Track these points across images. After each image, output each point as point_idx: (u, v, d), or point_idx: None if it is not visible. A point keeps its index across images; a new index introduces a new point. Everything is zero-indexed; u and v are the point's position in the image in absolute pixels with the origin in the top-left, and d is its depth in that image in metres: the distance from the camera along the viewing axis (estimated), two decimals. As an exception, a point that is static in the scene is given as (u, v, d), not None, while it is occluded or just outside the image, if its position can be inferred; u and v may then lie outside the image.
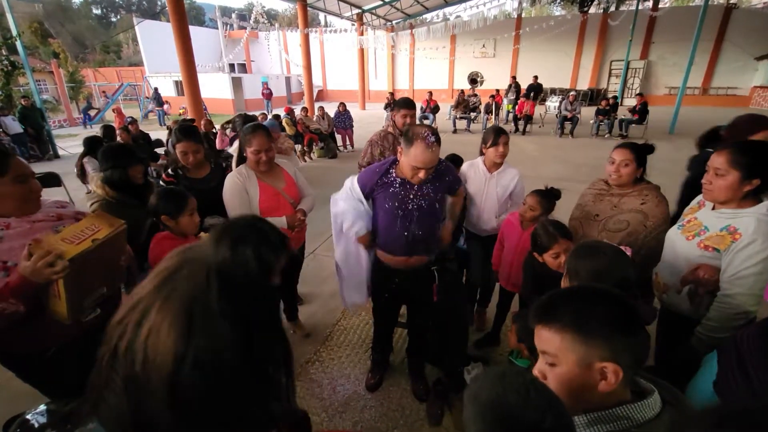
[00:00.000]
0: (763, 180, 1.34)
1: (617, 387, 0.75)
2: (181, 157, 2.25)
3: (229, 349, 0.52)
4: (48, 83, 21.58)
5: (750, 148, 1.36)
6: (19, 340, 1.35)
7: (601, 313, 0.78)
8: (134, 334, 0.53)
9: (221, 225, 0.97)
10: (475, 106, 12.63)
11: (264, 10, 16.05)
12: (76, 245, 1.23)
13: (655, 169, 1.96)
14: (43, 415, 1.33)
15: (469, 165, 2.59)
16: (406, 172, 1.80)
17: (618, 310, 0.78)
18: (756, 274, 1.31)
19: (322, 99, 24.62)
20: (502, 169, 2.49)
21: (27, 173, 1.34)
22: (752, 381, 1.01)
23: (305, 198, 2.41)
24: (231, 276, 0.56)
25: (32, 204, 1.38)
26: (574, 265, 1.25)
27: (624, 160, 1.81)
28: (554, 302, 0.83)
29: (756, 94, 17.48)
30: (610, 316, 0.77)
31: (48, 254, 1.14)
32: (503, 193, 2.48)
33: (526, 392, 0.66)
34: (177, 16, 8.15)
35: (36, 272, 1.13)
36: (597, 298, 0.81)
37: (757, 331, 1.09)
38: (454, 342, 2.28)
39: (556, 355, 0.79)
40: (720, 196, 1.43)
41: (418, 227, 1.89)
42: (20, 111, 9.56)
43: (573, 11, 21.99)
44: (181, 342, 0.50)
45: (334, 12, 17.62)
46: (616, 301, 0.80)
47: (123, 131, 6.32)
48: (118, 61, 38.23)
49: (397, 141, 2.73)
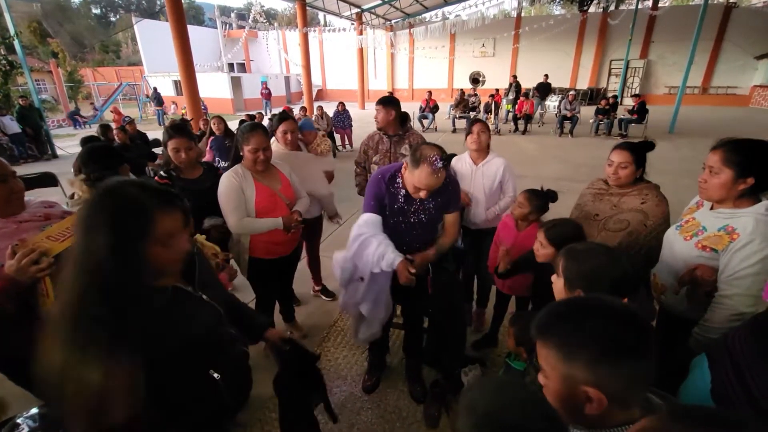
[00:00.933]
0: (757, 179, 1.32)
1: (615, 410, 0.71)
2: (173, 155, 2.21)
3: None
4: (47, 83, 21.58)
5: (744, 146, 1.35)
6: (6, 344, 1.33)
7: (587, 334, 0.72)
8: None
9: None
10: (474, 106, 12.62)
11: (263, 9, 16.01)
12: (60, 242, 1.21)
13: (655, 169, 1.94)
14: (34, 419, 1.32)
15: (457, 159, 2.59)
16: (409, 187, 1.80)
17: (612, 333, 0.71)
18: (754, 274, 1.29)
19: (322, 98, 24.61)
20: (488, 159, 2.50)
21: (7, 173, 1.32)
22: (751, 389, 0.99)
23: (301, 199, 2.40)
24: None
25: (14, 204, 1.36)
26: (567, 269, 1.21)
27: (623, 162, 1.80)
28: (550, 316, 0.79)
29: (756, 93, 17.50)
30: (598, 339, 0.71)
31: (32, 252, 1.13)
32: (491, 185, 2.48)
33: (523, 405, 0.65)
34: (176, 15, 8.14)
35: (21, 270, 1.12)
36: (589, 316, 0.74)
37: (748, 333, 1.07)
38: (452, 343, 2.26)
39: (546, 370, 0.77)
40: (714, 195, 1.42)
41: (415, 240, 1.92)
42: (18, 111, 9.54)
43: (572, 10, 21.99)
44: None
45: (333, 11, 17.60)
46: (617, 321, 0.72)
47: (120, 131, 6.29)
48: (117, 61, 38.20)
49: (381, 140, 2.75)
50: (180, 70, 8.63)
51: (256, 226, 2.15)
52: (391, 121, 2.68)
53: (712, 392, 1.08)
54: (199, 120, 7.79)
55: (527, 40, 18.62)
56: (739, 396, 1.01)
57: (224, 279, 1.60)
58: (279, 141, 2.70)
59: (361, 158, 2.91)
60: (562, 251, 1.28)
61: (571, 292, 1.18)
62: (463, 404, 0.69)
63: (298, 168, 2.51)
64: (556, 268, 1.25)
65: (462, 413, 0.68)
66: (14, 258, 1.12)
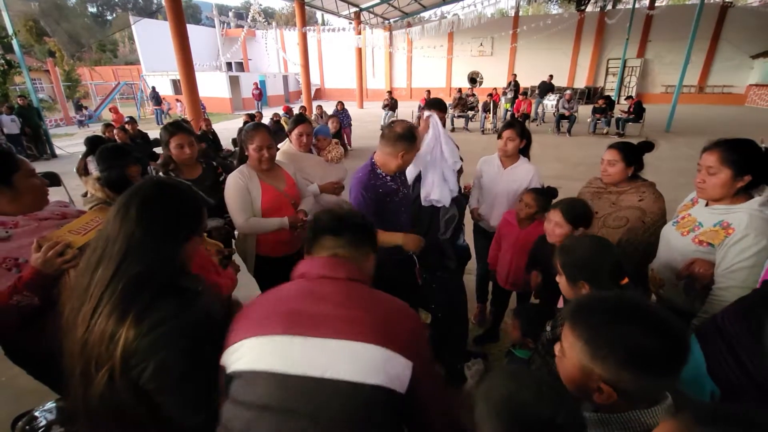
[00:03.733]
0: (754, 176, 1.38)
1: (621, 403, 0.73)
2: (177, 152, 2.21)
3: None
4: (44, 82, 21.45)
5: (739, 145, 1.41)
6: (25, 338, 1.36)
7: (617, 339, 0.71)
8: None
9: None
10: (472, 106, 12.66)
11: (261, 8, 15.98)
12: (83, 236, 1.26)
13: (652, 167, 1.99)
14: (51, 412, 1.35)
15: (485, 160, 2.60)
16: (391, 167, 1.95)
17: (643, 345, 0.69)
18: (749, 267, 1.35)
19: (320, 97, 24.58)
20: (517, 164, 2.45)
21: (34, 171, 1.39)
22: (746, 364, 1.05)
23: (305, 198, 2.43)
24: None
25: (45, 198, 1.43)
26: (564, 265, 1.27)
27: (611, 159, 1.90)
28: (585, 308, 0.79)
29: (751, 92, 17.61)
30: (627, 348, 0.69)
31: (57, 245, 1.17)
32: (516, 189, 2.41)
33: (538, 389, 0.68)
34: (174, 14, 8.10)
35: (47, 263, 1.16)
36: (624, 320, 0.73)
37: (738, 314, 1.12)
38: (454, 338, 2.31)
39: (565, 350, 0.79)
40: (714, 194, 1.47)
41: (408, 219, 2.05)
42: (17, 110, 9.49)
43: (570, 9, 22.04)
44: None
45: (331, 10, 17.59)
46: (652, 332, 0.70)
47: (120, 131, 6.30)
48: (114, 60, 38.00)
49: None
50: (179, 70, 8.60)
51: (263, 226, 2.18)
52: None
53: (708, 371, 1.13)
54: (199, 120, 7.78)
55: (525, 39, 18.68)
56: (735, 372, 1.07)
57: (230, 274, 1.63)
58: (293, 143, 2.70)
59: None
60: (557, 249, 1.33)
61: (575, 286, 1.22)
62: (479, 394, 0.72)
63: (310, 169, 2.52)
64: (556, 267, 1.30)
65: (479, 402, 0.71)
66: (40, 251, 1.15)
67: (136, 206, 0.90)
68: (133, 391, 0.87)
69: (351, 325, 0.83)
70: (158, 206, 0.93)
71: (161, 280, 0.89)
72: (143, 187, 0.95)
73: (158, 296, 0.87)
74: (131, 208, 0.90)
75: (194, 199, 1.01)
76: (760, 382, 1.02)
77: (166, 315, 0.85)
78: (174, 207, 0.95)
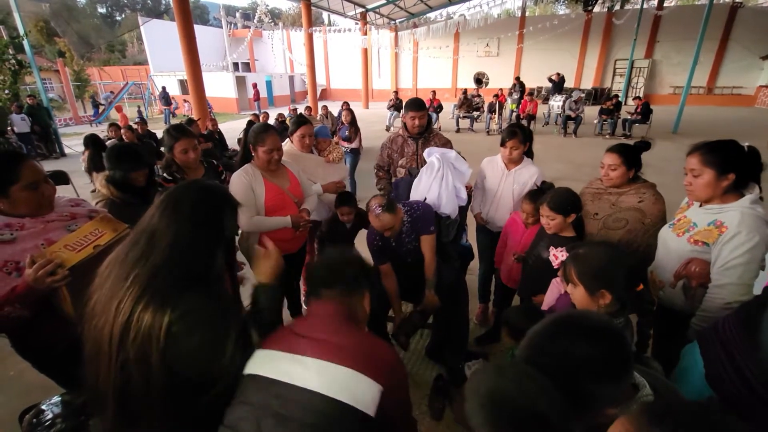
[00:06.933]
0: (737, 174, 1.42)
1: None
2: (182, 156, 2.22)
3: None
4: (53, 82, 21.74)
5: (719, 146, 1.45)
6: (30, 337, 1.39)
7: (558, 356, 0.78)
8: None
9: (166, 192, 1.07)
10: (478, 106, 12.64)
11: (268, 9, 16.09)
12: (77, 253, 1.27)
13: (657, 168, 2.00)
14: (57, 405, 1.39)
15: (489, 161, 2.60)
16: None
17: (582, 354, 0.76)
18: (744, 263, 1.37)
19: (326, 98, 24.68)
20: (522, 166, 2.45)
21: (39, 179, 1.36)
22: (743, 371, 1.06)
23: (309, 197, 2.46)
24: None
25: (45, 208, 1.41)
26: (582, 275, 1.23)
27: (612, 164, 1.90)
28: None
29: (761, 93, 17.39)
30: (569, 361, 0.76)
31: (48, 263, 1.18)
32: (520, 191, 2.41)
33: (519, 381, 0.71)
34: (182, 15, 8.17)
35: (38, 281, 1.17)
36: (563, 334, 0.81)
37: (737, 321, 1.14)
38: (455, 338, 2.32)
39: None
40: (702, 195, 1.51)
41: (414, 265, 2.15)
42: (27, 110, 9.65)
43: (577, 10, 21.88)
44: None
45: (337, 11, 17.64)
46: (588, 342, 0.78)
47: (127, 130, 6.37)
48: (122, 60, 38.42)
49: (406, 143, 2.76)
50: (186, 70, 8.65)
51: (266, 224, 2.21)
52: (420, 123, 2.67)
53: (706, 376, 1.14)
54: (205, 119, 7.85)
55: (531, 39, 18.59)
56: (732, 377, 1.08)
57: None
58: (295, 144, 2.74)
59: (384, 162, 2.85)
60: (568, 258, 1.31)
61: (595, 296, 1.20)
62: (468, 389, 0.75)
63: (311, 169, 2.55)
64: (570, 278, 1.26)
65: (468, 397, 0.74)
66: (32, 268, 1.17)
67: (188, 205, 1.00)
68: (167, 374, 0.92)
69: (325, 348, 0.99)
70: (206, 207, 1.04)
71: (202, 272, 0.99)
72: (191, 188, 1.07)
73: (197, 286, 0.96)
74: (183, 206, 0.99)
75: (233, 202, 1.12)
76: (758, 390, 1.03)
77: (206, 303, 0.96)
78: (219, 208, 1.07)
